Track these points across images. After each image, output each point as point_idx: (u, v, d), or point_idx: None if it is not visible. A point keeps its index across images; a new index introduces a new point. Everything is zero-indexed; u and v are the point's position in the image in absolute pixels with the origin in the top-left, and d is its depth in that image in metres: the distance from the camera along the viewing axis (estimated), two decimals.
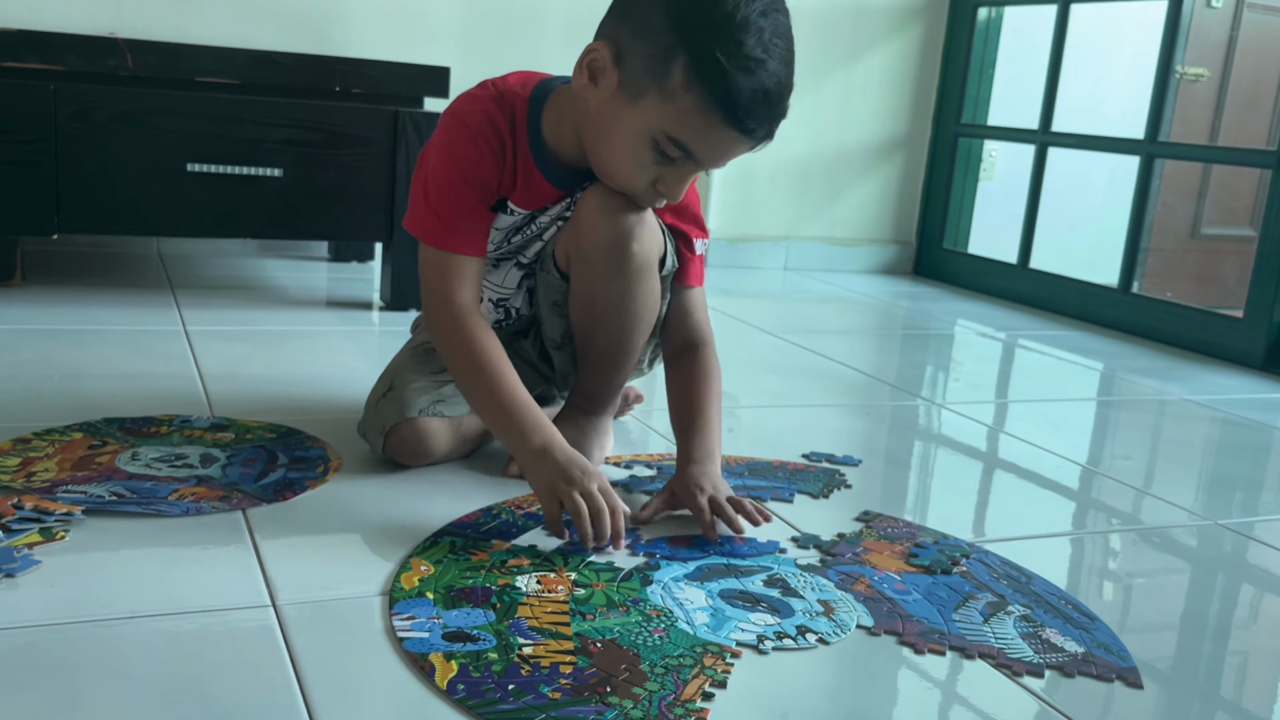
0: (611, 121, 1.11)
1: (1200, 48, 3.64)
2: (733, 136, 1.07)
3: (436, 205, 1.18)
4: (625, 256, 1.19)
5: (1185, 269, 3.80)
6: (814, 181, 3.10)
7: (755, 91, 1.04)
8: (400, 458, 1.25)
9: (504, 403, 1.15)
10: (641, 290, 1.23)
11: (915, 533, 1.22)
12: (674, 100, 1.05)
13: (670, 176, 1.12)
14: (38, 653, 0.83)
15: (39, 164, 1.85)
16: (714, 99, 1.04)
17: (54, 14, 2.22)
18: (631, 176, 1.14)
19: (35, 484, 1.12)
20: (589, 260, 1.21)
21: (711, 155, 1.10)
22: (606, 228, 1.18)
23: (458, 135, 1.18)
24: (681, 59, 1.04)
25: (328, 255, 2.61)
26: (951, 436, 1.67)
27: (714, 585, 1.04)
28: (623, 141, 1.11)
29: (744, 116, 1.05)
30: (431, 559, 1.04)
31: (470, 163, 1.18)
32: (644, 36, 1.07)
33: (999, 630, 1.00)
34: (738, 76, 1.03)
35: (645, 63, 1.06)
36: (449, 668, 0.85)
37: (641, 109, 1.08)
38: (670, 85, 1.05)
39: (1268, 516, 1.42)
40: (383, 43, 2.48)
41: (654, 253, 1.23)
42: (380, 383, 1.28)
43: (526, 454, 1.13)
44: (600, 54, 1.09)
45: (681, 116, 1.06)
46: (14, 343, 1.67)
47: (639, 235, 1.19)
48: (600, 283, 1.22)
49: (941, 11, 3.12)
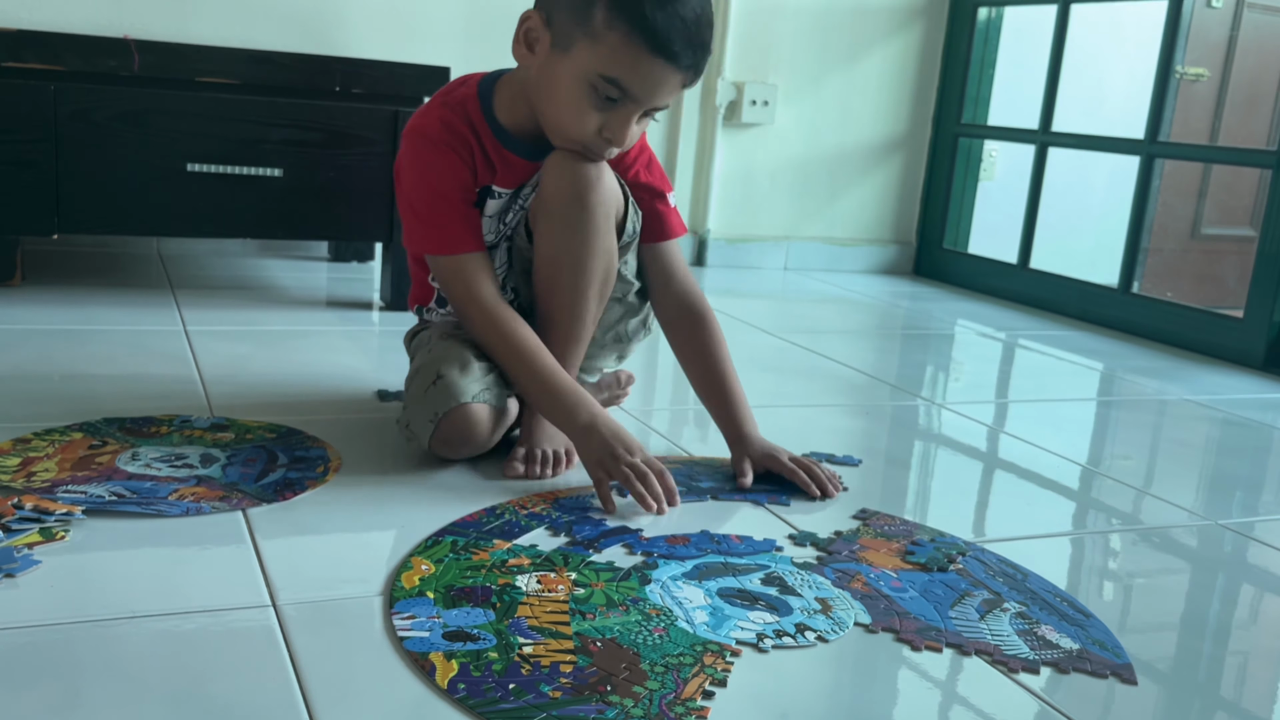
0: (550, 78, 1.20)
1: (1200, 48, 3.65)
2: (660, 65, 1.15)
3: (428, 217, 1.27)
4: (584, 207, 1.26)
5: (1185, 269, 3.80)
6: (814, 181, 3.10)
7: (672, 18, 1.13)
8: (447, 448, 1.25)
9: (548, 384, 1.24)
10: (598, 244, 1.28)
11: (911, 530, 1.22)
12: (600, 40, 1.15)
13: (613, 120, 1.20)
14: (38, 653, 0.83)
15: (39, 164, 1.85)
16: (635, 29, 1.13)
17: (54, 14, 2.22)
18: (577, 126, 1.21)
19: (35, 484, 1.13)
20: (550, 212, 1.27)
21: (645, 89, 1.17)
22: (567, 178, 1.25)
23: (423, 148, 1.27)
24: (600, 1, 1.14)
25: (328, 255, 2.61)
26: (951, 436, 1.67)
27: (712, 584, 1.04)
28: (563, 93, 1.19)
29: (665, 42, 1.14)
30: (432, 558, 1.04)
31: (442, 170, 1.26)
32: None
33: (995, 627, 1.00)
34: (653, 6, 1.13)
35: (570, 14, 1.16)
36: (449, 667, 0.85)
37: (573, 57, 1.17)
38: (594, 27, 1.15)
39: (1268, 516, 1.42)
40: (383, 43, 2.48)
41: (611, 206, 1.28)
42: (422, 376, 1.27)
43: (575, 429, 1.22)
44: (533, 20, 1.20)
45: (609, 54, 1.15)
46: (14, 343, 1.67)
47: (597, 188, 1.26)
48: (560, 235, 1.28)
49: (941, 11, 3.12)
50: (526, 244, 1.33)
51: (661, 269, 1.38)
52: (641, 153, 1.37)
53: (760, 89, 2.93)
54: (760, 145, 3.00)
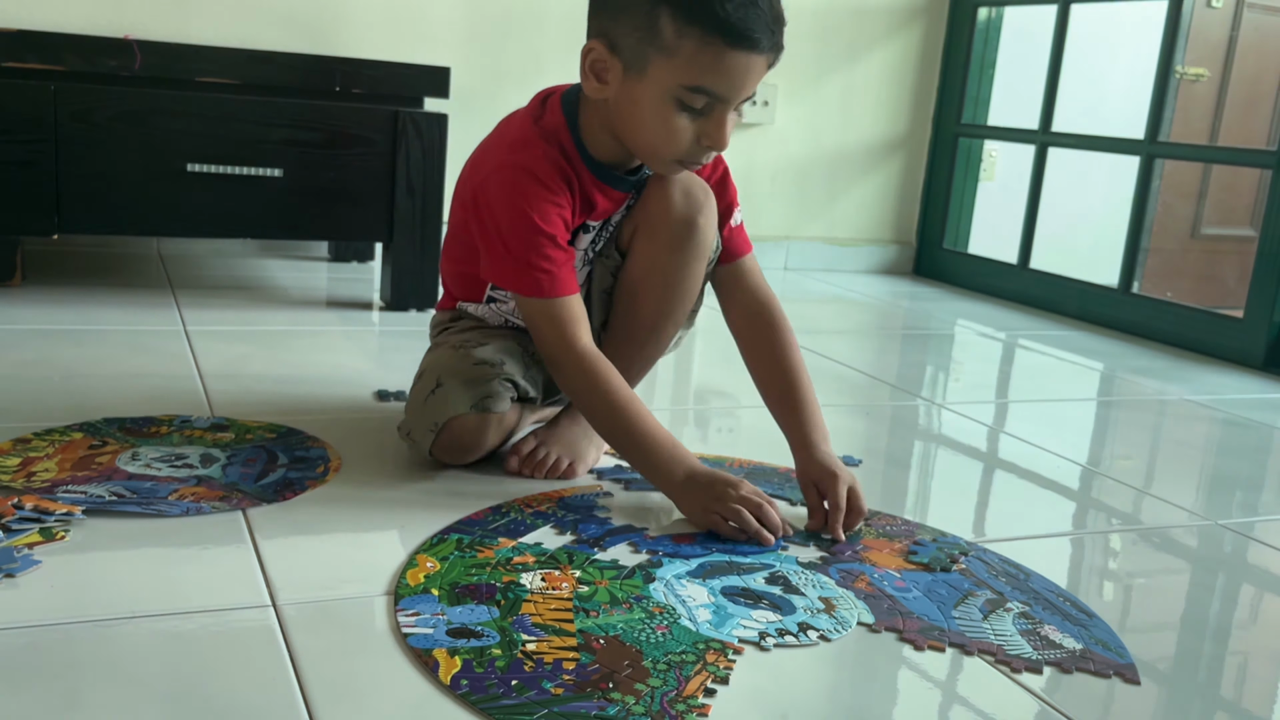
0: (631, 105, 1.15)
1: (1200, 48, 3.65)
2: (742, 57, 1.10)
3: (529, 259, 1.19)
4: (692, 230, 1.25)
5: (1185, 269, 3.80)
6: (814, 181, 3.10)
7: (741, 7, 1.08)
8: (448, 455, 1.25)
9: (642, 441, 1.19)
10: (694, 270, 1.28)
11: (914, 530, 1.22)
12: (676, 52, 1.10)
13: (710, 126, 1.15)
14: (38, 653, 0.83)
15: (39, 164, 1.85)
16: (709, 29, 1.08)
17: (54, 14, 2.22)
18: (673, 143, 1.16)
19: (35, 484, 1.12)
20: (655, 232, 1.25)
21: (733, 85, 1.12)
22: (680, 202, 1.24)
23: (526, 184, 1.19)
24: (665, 13, 1.09)
25: (328, 255, 2.61)
26: (951, 436, 1.67)
27: (716, 582, 1.04)
28: (650, 116, 1.14)
29: (744, 30, 1.09)
30: (438, 555, 1.04)
31: (547, 211, 1.19)
32: (625, 15, 1.12)
33: (998, 627, 1.00)
34: (720, 5, 1.07)
35: (636, 35, 1.11)
36: (453, 663, 0.85)
37: (652, 77, 1.12)
38: (666, 41, 1.10)
39: (1268, 516, 1.42)
40: (383, 43, 2.48)
41: (713, 234, 1.28)
42: (423, 382, 1.25)
43: (673, 487, 1.18)
44: (596, 50, 1.15)
45: (689, 62, 1.10)
46: (14, 343, 1.67)
47: (707, 214, 1.25)
48: (661, 255, 1.26)
49: (941, 11, 3.12)
50: (616, 258, 1.30)
51: (732, 278, 1.35)
52: (716, 166, 1.33)
53: (760, 89, 2.91)
54: (760, 145, 3.00)
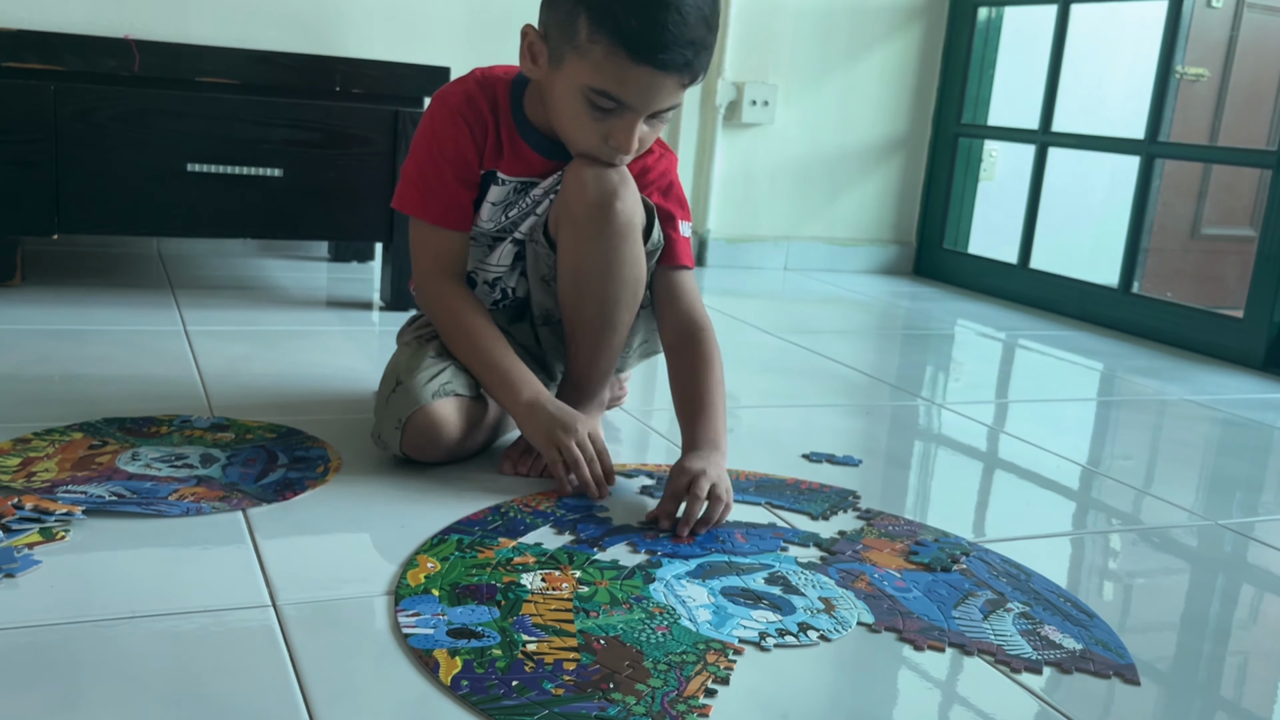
0: (551, 91, 1.22)
1: (1200, 48, 3.65)
2: (647, 73, 1.14)
3: (418, 181, 1.29)
4: (609, 215, 1.23)
5: (1185, 269, 3.80)
6: (814, 181, 3.10)
7: (654, 24, 1.11)
8: (419, 451, 1.25)
9: (492, 362, 1.25)
10: (625, 253, 1.26)
11: (915, 530, 1.22)
12: (586, 55, 1.15)
13: (616, 129, 1.19)
14: (38, 653, 0.83)
15: (39, 164, 1.85)
16: (615, 41, 1.12)
17: (54, 14, 2.22)
18: (581, 135, 1.21)
19: (35, 484, 1.12)
20: (575, 219, 1.25)
21: (635, 96, 1.16)
22: (593, 186, 1.23)
23: (439, 114, 1.29)
24: (583, 14, 1.14)
25: (328, 255, 2.61)
26: (951, 436, 1.67)
27: (716, 583, 1.04)
28: (564, 105, 1.20)
29: (647, 50, 1.12)
30: (438, 556, 1.04)
31: (448, 139, 1.28)
32: (554, 8, 1.18)
33: (998, 627, 1.00)
34: (632, 15, 1.11)
35: (558, 30, 1.17)
36: (453, 664, 0.85)
37: (565, 72, 1.17)
38: (579, 42, 1.14)
39: (1268, 516, 1.42)
40: (383, 43, 2.48)
41: (636, 215, 1.26)
42: (385, 384, 1.28)
43: (518, 407, 1.24)
44: (530, 35, 1.21)
45: (596, 67, 1.14)
46: (14, 343, 1.67)
47: (623, 195, 1.24)
48: (585, 243, 1.26)
49: (941, 11, 3.12)
50: (548, 251, 1.31)
51: (667, 292, 1.34)
52: (662, 176, 1.35)
53: (760, 89, 2.93)
54: (760, 145, 3.00)
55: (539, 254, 1.33)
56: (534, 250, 1.34)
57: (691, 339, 1.31)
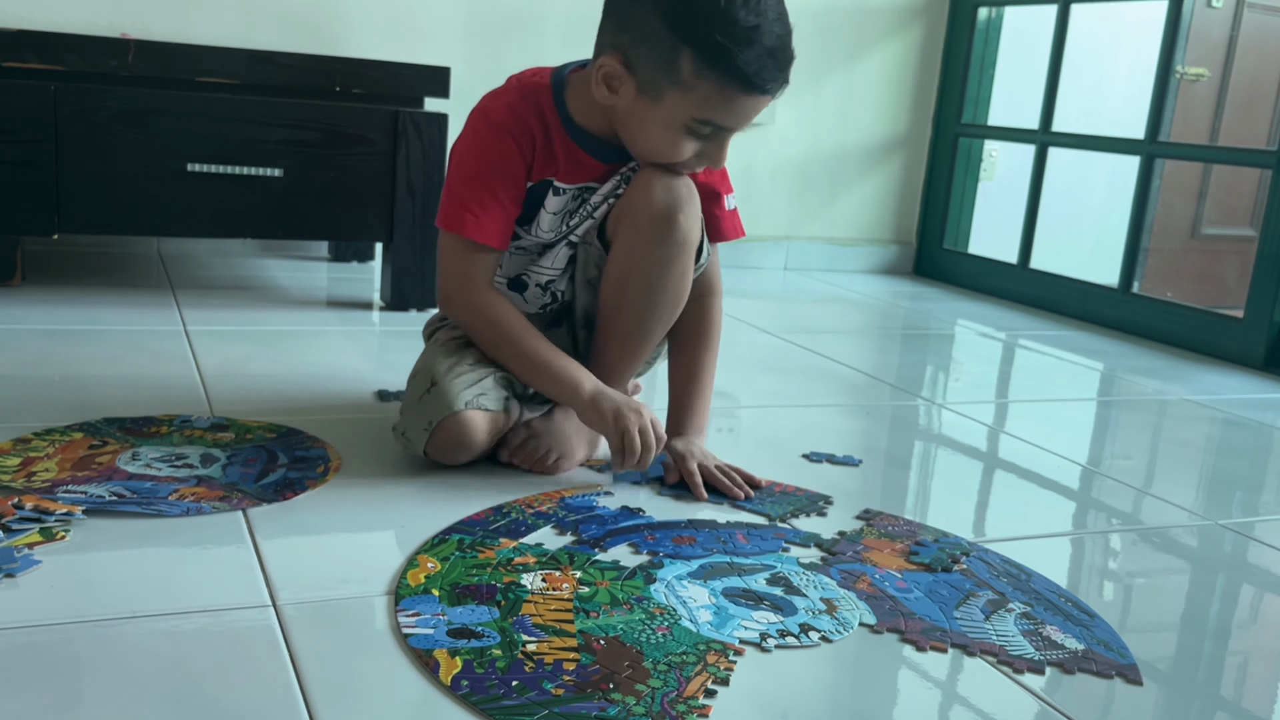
0: (640, 120, 1.20)
1: (1200, 48, 3.65)
2: (753, 99, 1.17)
3: (462, 195, 1.26)
4: (672, 226, 1.25)
5: (1185, 269, 3.81)
6: (814, 181, 3.10)
7: (760, 57, 1.13)
8: (443, 454, 1.25)
9: (543, 363, 1.26)
10: (677, 266, 1.28)
11: (915, 531, 1.22)
12: (692, 90, 1.15)
13: (709, 148, 1.22)
14: (38, 653, 0.83)
15: (39, 164, 1.85)
16: (726, 78, 1.14)
17: (54, 14, 2.22)
18: (673, 156, 1.22)
19: (35, 484, 1.12)
20: (638, 225, 1.26)
21: (739, 120, 1.19)
22: (661, 196, 1.24)
23: (484, 131, 1.26)
24: (686, 53, 1.13)
25: (328, 255, 2.61)
26: (951, 436, 1.67)
27: (717, 583, 1.04)
28: (658, 134, 1.20)
29: (758, 82, 1.14)
30: (439, 556, 1.04)
31: (495, 155, 1.25)
32: (646, 43, 1.16)
33: (1000, 628, 1.00)
34: (740, 52, 1.12)
35: (655, 65, 1.16)
36: (453, 664, 0.85)
37: (665, 106, 1.17)
38: (684, 79, 1.15)
39: (1268, 516, 1.42)
40: (383, 43, 2.48)
41: (695, 232, 1.28)
42: (417, 382, 1.27)
43: (580, 401, 1.24)
44: (611, 66, 1.18)
45: (703, 101, 1.16)
46: (14, 343, 1.67)
47: (688, 212, 1.26)
48: (642, 249, 1.27)
49: (941, 11, 3.12)
50: (601, 253, 1.31)
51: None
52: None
53: None
54: (760, 145, 2.99)
55: (590, 256, 1.33)
56: (586, 252, 1.33)
57: (700, 299, 1.36)
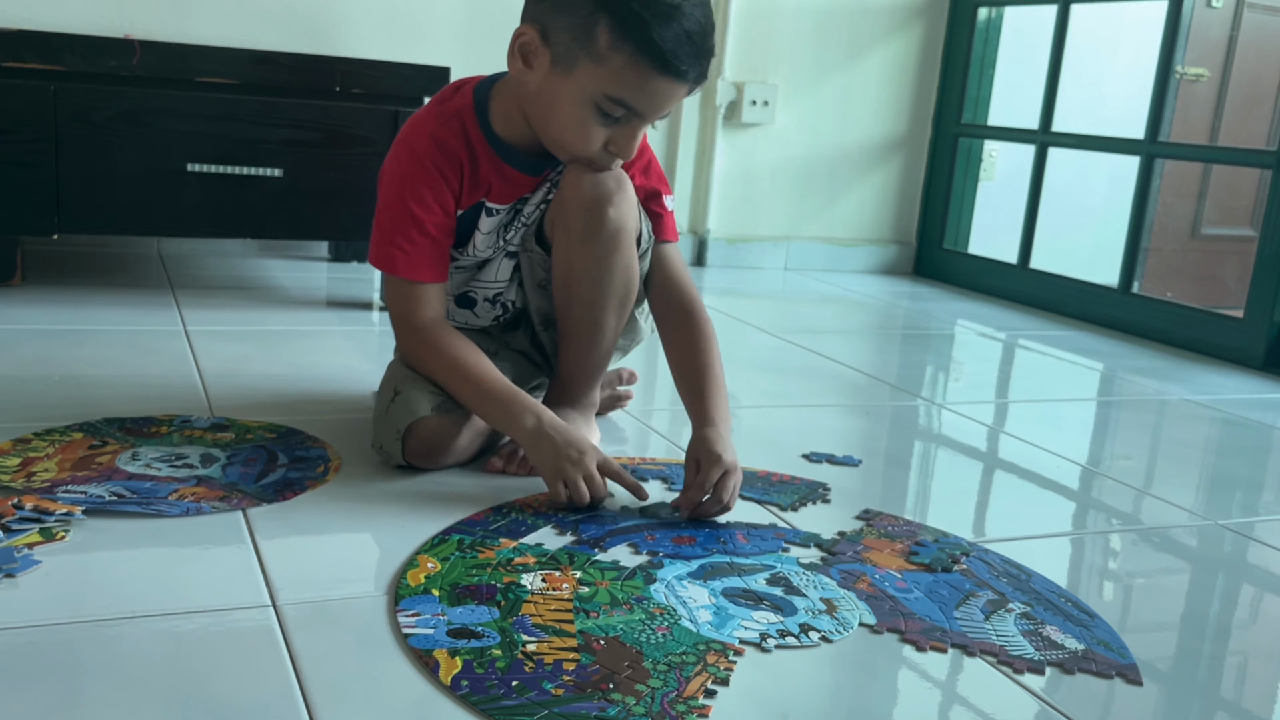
0: (552, 97, 1.17)
1: (1200, 48, 3.65)
2: (667, 83, 1.13)
3: (393, 236, 1.24)
4: (602, 219, 1.24)
5: (1185, 269, 3.80)
6: (814, 181, 3.10)
7: (678, 35, 1.10)
8: (420, 460, 1.25)
9: (488, 393, 1.21)
10: (617, 259, 1.27)
11: (915, 531, 1.22)
12: (605, 62, 1.12)
13: (619, 135, 1.18)
14: (38, 653, 0.83)
15: (39, 164, 1.85)
16: (641, 51, 1.11)
17: (54, 14, 2.22)
18: (582, 143, 1.19)
19: (35, 484, 1.12)
20: (569, 225, 1.26)
21: (651, 105, 1.16)
22: (588, 190, 1.23)
23: (407, 164, 1.24)
24: (604, 22, 1.11)
25: (328, 255, 2.61)
26: (951, 436, 1.67)
27: (717, 584, 1.04)
28: (567, 113, 1.17)
29: (672, 61, 1.11)
30: (439, 556, 1.04)
31: (421, 191, 1.23)
32: (564, 11, 1.13)
33: (1000, 628, 1.00)
34: (658, 26, 1.09)
35: (571, 34, 1.13)
36: (453, 664, 0.85)
37: (576, 78, 1.14)
38: (598, 49, 1.12)
39: (1268, 516, 1.42)
40: (383, 43, 2.48)
41: (630, 221, 1.27)
42: (383, 394, 1.27)
43: (523, 435, 1.19)
44: (528, 36, 1.16)
45: (615, 76, 1.12)
46: (14, 343, 1.67)
47: (617, 202, 1.24)
48: (578, 248, 1.26)
49: (941, 11, 3.12)
50: (543, 255, 1.32)
51: (656, 267, 1.35)
52: (640, 155, 1.35)
53: (760, 89, 2.93)
54: (760, 145, 3.00)
55: (534, 260, 1.33)
56: (529, 258, 1.34)
57: (684, 311, 1.33)
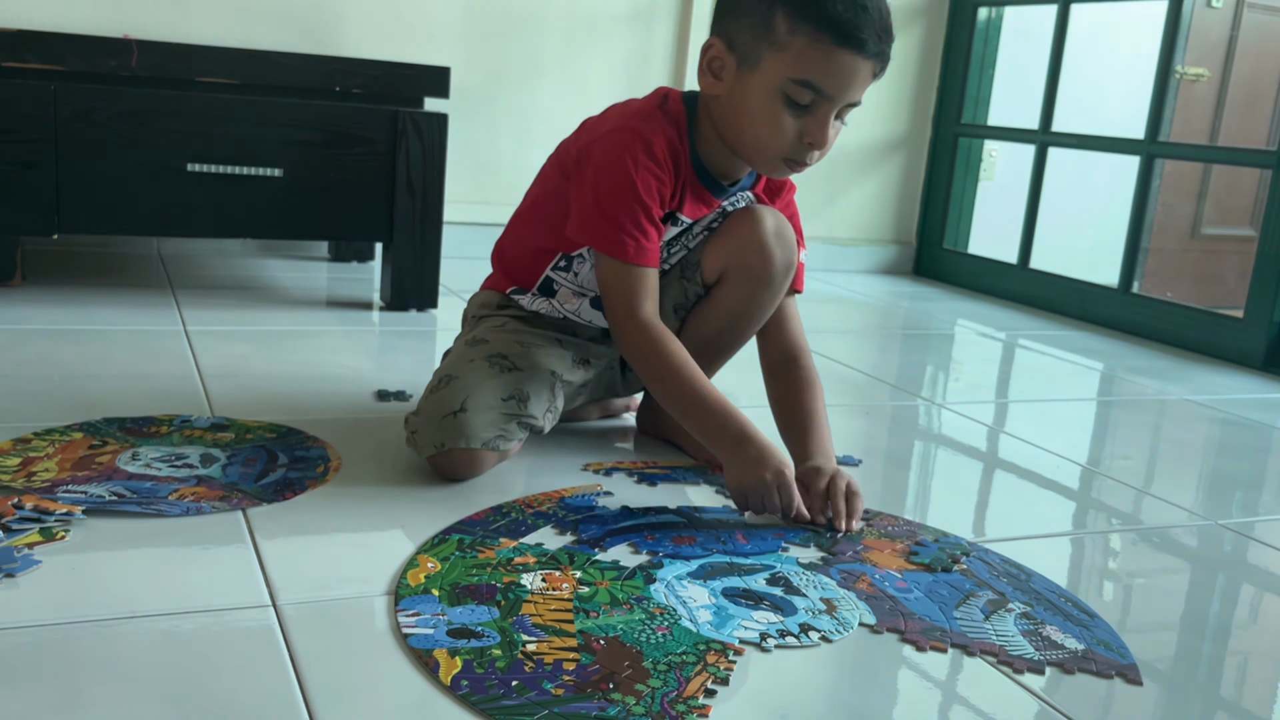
0: (741, 98, 1.21)
1: (1200, 48, 3.65)
2: (849, 56, 1.15)
3: (620, 220, 1.24)
4: (789, 273, 1.35)
5: (1185, 269, 3.81)
6: (814, 181, 3.09)
7: (852, 7, 1.14)
8: (442, 471, 1.25)
9: (698, 404, 1.23)
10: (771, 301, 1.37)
11: (915, 531, 1.22)
12: (786, 47, 1.16)
13: (811, 125, 1.19)
14: (38, 653, 0.83)
15: (39, 164, 1.85)
16: (820, 26, 1.14)
17: (54, 14, 2.22)
18: (776, 137, 1.21)
19: (35, 484, 1.12)
20: (760, 279, 1.33)
21: (839, 84, 1.17)
22: (781, 251, 1.32)
23: (641, 155, 1.24)
24: (780, 9, 1.15)
25: (328, 255, 2.61)
26: (951, 436, 1.67)
27: (717, 583, 1.04)
28: (758, 109, 1.20)
29: (851, 30, 1.14)
30: (439, 556, 1.04)
31: (650, 183, 1.25)
32: (743, 13, 1.18)
33: (1000, 628, 1.00)
34: (833, 3, 1.13)
35: (752, 32, 1.18)
36: (453, 664, 0.85)
37: (763, 71, 1.18)
38: (778, 36, 1.16)
39: (1268, 516, 1.42)
40: (383, 43, 2.48)
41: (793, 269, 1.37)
42: (448, 393, 1.24)
43: (723, 449, 1.21)
44: (715, 47, 1.22)
45: (799, 57, 1.16)
46: (14, 343, 1.67)
47: (795, 254, 1.35)
48: (765, 297, 1.35)
49: (941, 11, 3.12)
50: (700, 287, 1.37)
51: (778, 315, 1.39)
52: (791, 203, 1.40)
53: None
54: None
55: (686, 289, 1.38)
56: (682, 285, 1.38)
57: (795, 363, 1.38)
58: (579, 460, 1.36)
